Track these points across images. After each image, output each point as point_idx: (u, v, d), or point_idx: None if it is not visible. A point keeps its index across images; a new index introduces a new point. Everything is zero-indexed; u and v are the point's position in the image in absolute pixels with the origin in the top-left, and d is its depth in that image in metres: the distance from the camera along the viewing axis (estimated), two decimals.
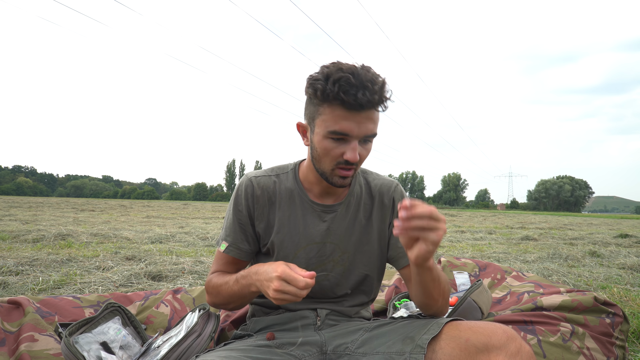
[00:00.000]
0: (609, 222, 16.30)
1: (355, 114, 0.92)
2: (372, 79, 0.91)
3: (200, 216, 11.92)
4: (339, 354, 0.98)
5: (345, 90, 0.89)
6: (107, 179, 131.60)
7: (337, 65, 0.92)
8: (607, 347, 1.32)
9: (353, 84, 0.89)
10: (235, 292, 1.02)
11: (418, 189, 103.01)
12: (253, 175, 1.14)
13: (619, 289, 2.71)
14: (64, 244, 4.58)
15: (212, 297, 1.11)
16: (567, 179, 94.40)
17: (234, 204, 1.13)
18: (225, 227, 1.14)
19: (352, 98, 0.89)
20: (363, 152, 0.98)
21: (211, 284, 1.10)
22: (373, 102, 0.90)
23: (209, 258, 3.77)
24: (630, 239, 6.86)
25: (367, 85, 0.89)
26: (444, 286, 0.99)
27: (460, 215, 18.88)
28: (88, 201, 29.92)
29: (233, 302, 1.07)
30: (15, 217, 8.71)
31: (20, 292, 2.41)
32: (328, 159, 0.99)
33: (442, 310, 1.04)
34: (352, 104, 0.90)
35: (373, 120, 0.95)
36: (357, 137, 0.95)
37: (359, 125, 0.93)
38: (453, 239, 6.56)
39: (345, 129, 0.93)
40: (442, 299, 1.00)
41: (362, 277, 1.14)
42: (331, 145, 0.96)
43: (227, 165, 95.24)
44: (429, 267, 0.90)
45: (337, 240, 1.11)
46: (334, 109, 0.93)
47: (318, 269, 1.11)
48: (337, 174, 1.00)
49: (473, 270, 2.11)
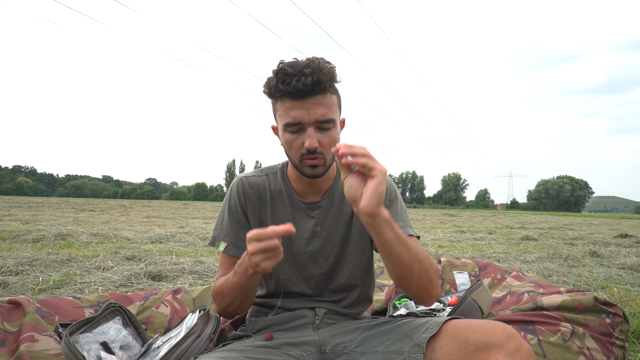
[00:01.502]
0: (609, 222, 16.29)
1: (301, 101, 0.96)
2: (309, 64, 0.94)
3: (200, 216, 11.92)
4: (337, 353, 0.98)
5: (283, 80, 0.95)
6: (107, 179, 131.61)
7: (281, 63, 0.98)
8: (607, 347, 1.32)
9: (289, 73, 0.94)
10: (235, 284, 1.00)
11: (418, 189, 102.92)
12: (244, 176, 1.19)
13: (619, 289, 2.71)
14: (64, 244, 4.58)
15: (218, 301, 1.09)
16: (567, 179, 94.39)
17: (228, 204, 1.17)
18: (221, 228, 1.17)
19: (289, 87, 0.94)
20: (324, 138, 1.00)
21: (215, 288, 1.10)
22: (307, 85, 0.93)
23: (209, 258, 3.77)
24: (630, 239, 6.85)
25: (302, 71, 0.94)
26: (417, 251, 0.92)
27: (460, 215, 18.87)
28: (88, 201, 29.91)
29: (237, 299, 1.04)
30: (15, 217, 8.71)
31: (20, 292, 2.41)
32: (293, 152, 1.02)
33: (423, 286, 0.95)
34: (293, 93, 0.95)
35: (323, 104, 0.97)
36: (310, 123, 0.97)
37: (308, 111, 0.96)
38: (453, 239, 6.56)
39: (296, 117, 0.97)
40: (419, 266, 0.92)
41: (353, 267, 1.15)
42: (291, 138, 1.00)
43: (227, 165, 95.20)
44: (386, 220, 0.84)
45: (325, 234, 1.14)
46: (284, 102, 0.98)
47: (309, 264, 1.13)
48: (306, 164, 1.02)
49: (473, 270, 2.11)
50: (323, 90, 0.97)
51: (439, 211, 28.49)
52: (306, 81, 0.93)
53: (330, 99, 0.99)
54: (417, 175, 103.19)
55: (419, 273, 0.93)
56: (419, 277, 0.93)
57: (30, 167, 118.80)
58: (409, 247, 0.90)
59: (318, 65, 0.95)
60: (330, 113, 0.99)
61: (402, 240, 0.89)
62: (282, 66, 0.96)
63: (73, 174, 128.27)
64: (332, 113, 0.99)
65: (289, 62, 0.97)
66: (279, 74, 0.96)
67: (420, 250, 0.95)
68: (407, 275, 0.93)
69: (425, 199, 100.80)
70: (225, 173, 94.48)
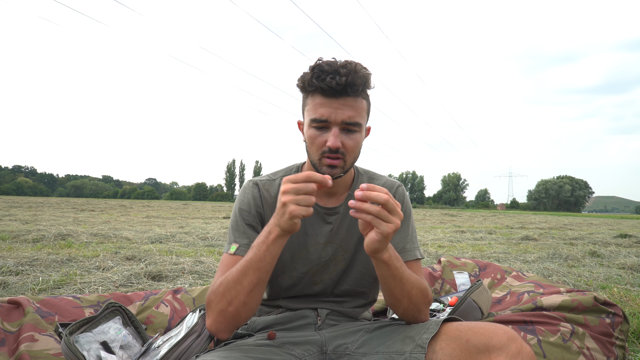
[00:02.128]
0: (609, 222, 16.29)
1: (332, 100, 0.96)
2: (346, 65, 0.95)
3: (200, 216, 11.92)
4: (339, 354, 0.98)
5: (318, 76, 0.95)
6: (107, 179, 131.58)
7: (321, 60, 0.98)
8: (607, 347, 1.32)
9: (325, 70, 0.95)
10: (248, 262, 0.89)
11: (418, 189, 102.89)
12: (258, 179, 1.16)
13: (619, 289, 2.71)
14: (64, 244, 4.58)
15: (216, 301, 0.93)
16: (567, 179, 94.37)
17: (241, 210, 1.10)
18: (232, 232, 1.08)
19: (323, 83, 0.94)
20: (348, 141, 0.99)
21: (211, 290, 0.96)
22: (341, 84, 0.93)
23: (209, 258, 3.77)
24: (630, 239, 6.86)
25: (338, 70, 0.94)
26: (410, 288, 0.95)
27: (460, 215, 18.87)
28: (88, 201, 29.91)
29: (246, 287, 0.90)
30: (15, 217, 8.71)
31: (20, 292, 2.41)
32: (314, 148, 1.01)
33: (410, 314, 0.99)
34: (325, 90, 0.95)
35: (352, 107, 0.97)
36: (336, 122, 0.97)
37: (336, 111, 0.96)
38: (453, 239, 6.56)
39: (323, 114, 0.97)
40: (408, 301, 0.96)
41: (361, 274, 1.14)
42: (315, 134, 1.00)
43: (227, 165, 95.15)
44: (383, 261, 0.89)
45: (339, 240, 1.12)
46: (315, 97, 0.98)
47: (321, 269, 1.12)
48: (325, 163, 1.00)
49: (473, 270, 2.11)
50: (355, 93, 0.96)
51: (439, 211, 28.49)
52: (340, 80, 0.93)
53: (360, 103, 0.99)
54: (417, 175, 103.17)
55: (408, 305, 0.97)
56: (407, 308, 0.98)
57: (30, 167, 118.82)
58: (403, 284, 0.94)
59: (355, 67, 0.95)
60: (357, 117, 0.98)
61: (397, 278, 0.93)
62: (319, 62, 0.97)
63: (73, 174, 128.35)
64: (359, 117, 0.99)
65: (326, 60, 0.97)
66: (315, 69, 0.96)
67: (415, 285, 0.96)
68: (395, 304, 0.98)
69: (425, 199, 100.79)
70: (225, 173, 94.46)
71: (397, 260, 0.92)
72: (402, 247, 1.08)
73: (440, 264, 2.19)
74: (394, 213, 0.81)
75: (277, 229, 0.87)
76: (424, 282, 1.01)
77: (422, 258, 1.13)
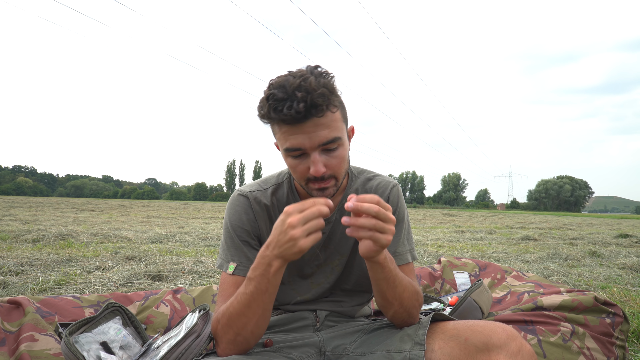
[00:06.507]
0: (609, 222, 16.29)
1: (299, 126, 0.85)
2: (300, 86, 0.83)
3: (200, 216, 11.91)
4: (337, 354, 0.98)
5: (275, 107, 0.84)
6: (107, 179, 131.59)
7: (272, 82, 0.88)
8: (607, 347, 1.32)
9: (279, 98, 0.83)
10: (251, 295, 0.85)
11: (418, 189, 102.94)
12: (248, 191, 1.09)
13: (619, 289, 2.71)
14: (64, 244, 4.58)
15: (223, 332, 0.91)
16: (567, 179, 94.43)
17: (233, 225, 1.06)
18: (227, 249, 1.05)
19: (281, 115, 0.84)
20: (331, 160, 0.91)
21: (216, 317, 0.94)
22: (300, 111, 0.82)
23: (209, 258, 3.77)
24: (630, 239, 6.85)
25: (294, 95, 0.82)
26: (402, 291, 0.93)
27: (460, 215, 18.87)
28: (88, 201, 29.91)
29: (252, 317, 0.87)
30: (15, 217, 8.71)
31: (20, 292, 2.41)
32: (297, 176, 0.94)
33: (400, 317, 0.97)
34: (287, 120, 0.85)
35: (324, 125, 0.87)
36: (312, 148, 0.88)
37: (309, 136, 0.86)
38: (453, 239, 6.56)
39: (295, 144, 0.87)
40: (399, 304, 0.94)
41: (358, 276, 1.14)
42: (294, 163, 0.92)
43: (227, 165, 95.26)
44: (378, 262, 0.87)
45: (334, 245, 1.11)
46: (280, 126, 0.88)
47: (317, 272, 1.12)
48: (314, 188, 0.94)
49: (473, 270, 2.11)
50: (320, 113, 0.85)
51: (439, 211, 28.48)
52: (298, 107, 0.82)
53: (331, 117, 0.88)
54: (417, 175, 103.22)
55: (398, 308, 0.96)
56: (397, 311, 0.97)
57: (30, 167, 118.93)
58: (395, 287, 0.92)
59: (311, 85, 0.83)
60: (333, 132, 0.88)
61: (390, 281, 0.91)
62: (272, 91, 0.85)
63: (73, 174, 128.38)
64: (336, 131, 0.89)
65: (278, 83, 0.85)
66: (269, 99, 0.85)
67: (407, 288, 0.95)
68: (386, 306, 0.97)
69: (425, 199, 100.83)
70: (225, 173, 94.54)
71: (391, 262, 0.91)
72: (393, 250, 1.07)
73: (440, 264, 2.19)
74: (388, 221, 0.78)
75: (279, 261, 0.81)
76: (416, 285, 1.00)
77: (414, 260, 1.11)
